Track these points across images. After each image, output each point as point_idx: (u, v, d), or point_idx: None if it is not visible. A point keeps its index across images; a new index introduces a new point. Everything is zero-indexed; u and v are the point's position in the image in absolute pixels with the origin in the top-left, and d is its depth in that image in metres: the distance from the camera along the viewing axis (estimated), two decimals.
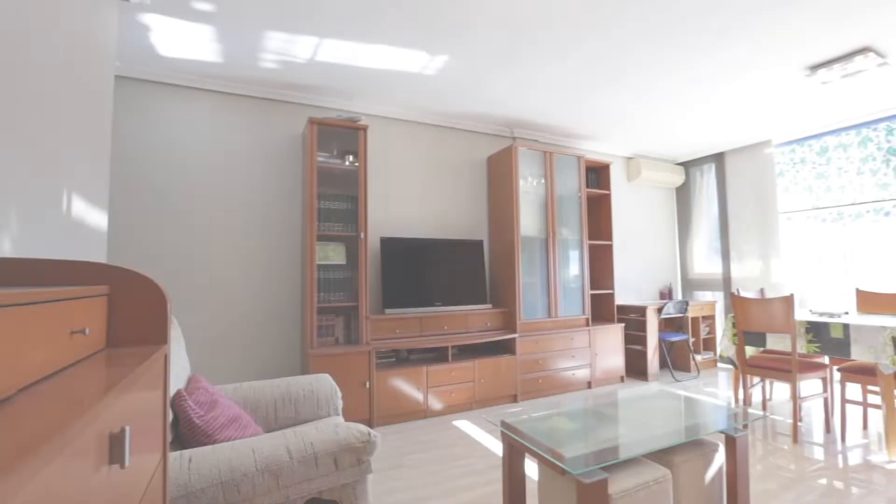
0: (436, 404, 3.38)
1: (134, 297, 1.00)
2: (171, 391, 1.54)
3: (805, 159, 4.54)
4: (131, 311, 1.00)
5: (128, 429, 0.67)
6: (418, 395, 3.31)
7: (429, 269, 3.70)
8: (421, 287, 3.63)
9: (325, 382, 2.18)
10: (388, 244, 3.56)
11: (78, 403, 0.57)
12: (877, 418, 3.21)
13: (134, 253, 2.95)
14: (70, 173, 1.55)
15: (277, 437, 1.45)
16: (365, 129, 3.26)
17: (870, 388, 3.17)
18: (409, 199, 3.92)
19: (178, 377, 1.69)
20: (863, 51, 2.93)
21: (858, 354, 2.66)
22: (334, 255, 3.29)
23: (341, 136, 3.40)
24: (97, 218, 1.82)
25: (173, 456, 1.27)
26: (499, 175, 4.12)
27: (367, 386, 3.11)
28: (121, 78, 2.96)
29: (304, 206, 3.27)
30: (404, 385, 3.26)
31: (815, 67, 3.16)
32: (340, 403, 2.19)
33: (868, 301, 3.46)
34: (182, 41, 2.67)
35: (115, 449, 0.65)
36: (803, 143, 4.54)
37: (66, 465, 0.49)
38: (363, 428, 1.51)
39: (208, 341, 3.11)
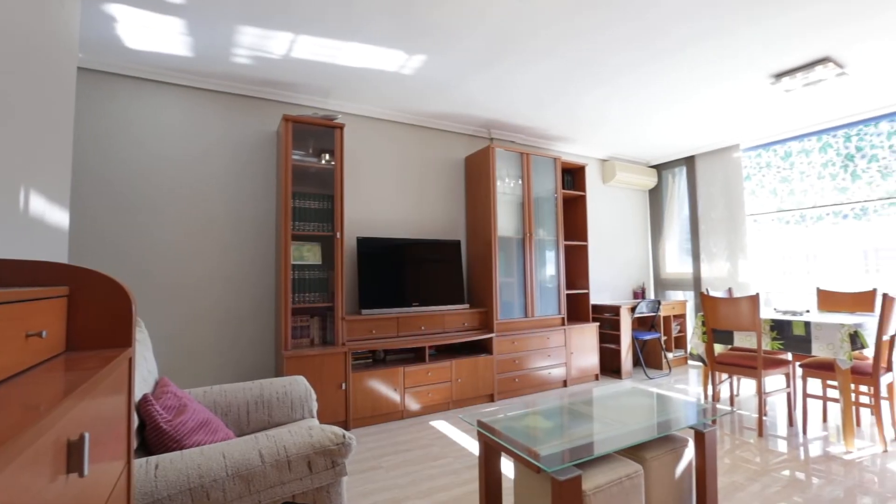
0: (413, 405, 3.37)
1: (96, 298, 0.96)
2: (137, 395, 1.49)
3: (770, 163, 4.71)
4: (93, 312, 0.96)
5: (87, 436, 0.64)
6: (395, 396, 3.29)
7: (406, 270, 3.68)
8: (398, 287, 3.62)
9: (299, 384, 2.15)
10: (365, 244, 3.53)
11: (33, 409, 0.54)
12: (835, 411, 3.36)
13: (99, 253, 2.84)
14: (27, 168, 1.48)
15: (249, 441, 1.41)
16: (341, 127, 3.22)
17: (829, 382, 3.31)
18: (387, 199, 3.90)
19: (145, 381, 1.64)
20: (823, 61, 3.06)
21: (819, 351, 2.78)
22: (309, 255, 3.24)
23: (317, 134, 3.35)
24: (58, 216, 1.74)
25: (138, 463, 1.23)
26: (476, 175, 4.13)
27: (344, 387, 3.08)
28: (85, 70, 2.84)
29: (278, 205, 3.21)
30: (381, 386, 3.24)
31: (779, 76, 3.28)
32: (315, 406, 2.15)
33: (828, 300, 3.62)
34: (150, 33, 2.59)
35: (73, 457, 0.62)
36: (768, 148, 4.72)
37: (17, 475, 0.46)
38: (338, 430, 1.49)
39: (178, 344, 3.02)
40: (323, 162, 3.33)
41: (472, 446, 2.81)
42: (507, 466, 2.45)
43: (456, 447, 2.80)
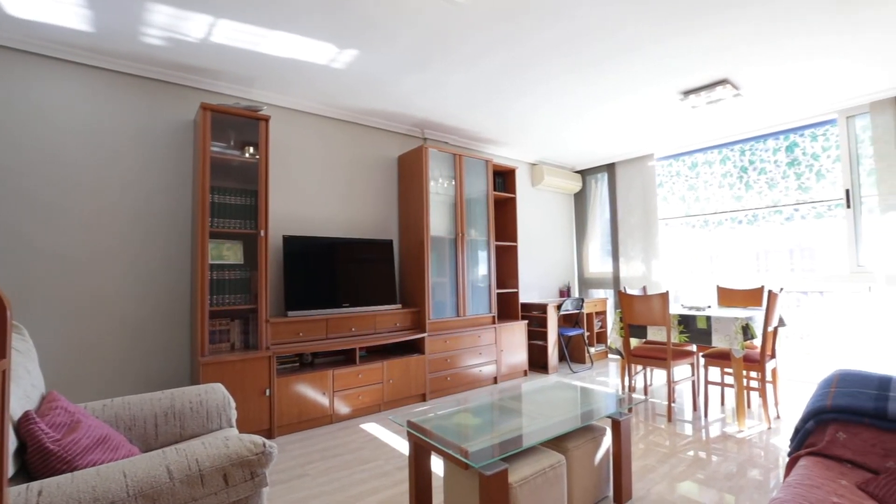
0: (343, 408, 3.27)
1: None
2: (16, 413, 1.31)
3: (679, 172, 5.16)
4: None
5: None
6: (324, 400, 3.18)
7: (336, 269, 3.58)
8: (327, 288, 3.50)
9: (216, 392, 2.00)
10: (292, 243, 3.38)
11: None
12: (731, 396, 3.75)
13: None
14: None
15: (155, 457, 1.29)
16: (267, 119, 3.05)
17: (726, 370, 3.68)
18: (316, 197, 3.76)
19: (28, 397, 1.44)
20: (722, 82, 3.40)
21: (718, 342, 3.08)
22: (230, 253, 3.04)
23: (240, 125, 3.15)
24: None
25: (16, 491, 1.07)
26: (409, 175, 4.12)
27: (268, 393, 2.92)
28: None
29: (194, 200, 2.97)
30: (309, 390, 3.11)
31: (686, 93, 3.60)
32: (234, 414, 2.02)
33: (726, 296, 4.03)
34: (37, 1, 2.28)
35: None
36: (678, 158, 5.17)
37: None
38: (257, 439, 1.41)
39: (72, 353, 2.70)
40: (246, 155, 3.14)
41: (404, 447, 2.79)
42: (438, 465, 2.45)
43: (387, 449, 2.76)
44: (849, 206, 3.89)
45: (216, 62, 2.95)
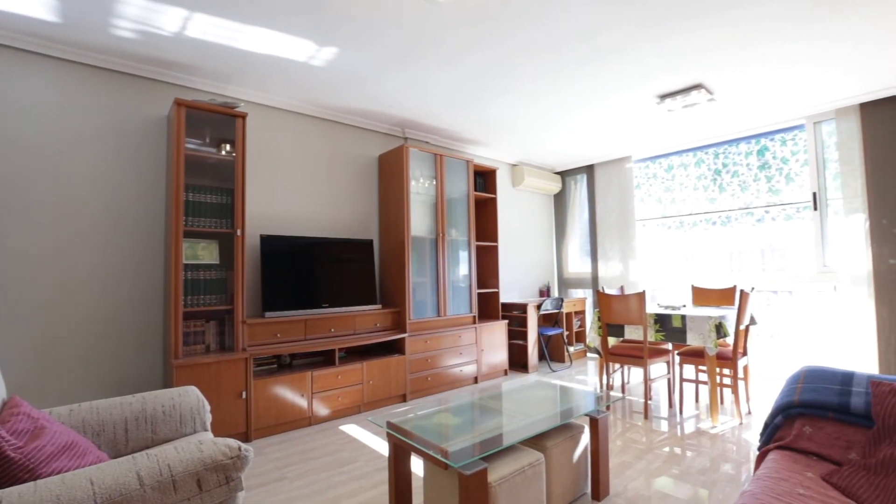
0: (322, 410, 3.24)
1: None
2: None
3: (656, 175, 5.27)
4: None
5: None
6: (302, 402, 3.14)
7: (315, 270, 3.53)
8: (306, 288, 3.45)
9: (190, 396, 1.95)
10: (270, 242, 3.32)
11: None
12: (705, 392, 3.85)
13: None
14: None
15: (125, 463, 1.25)
16: (244, 116, 2.99)
17: (700, 368, 3.77)
18: (295, 196, 3.71)
19: None
20: (697, 87, 3.49)
21: (692, 340, 3.16)
22: (205, 253, 2.97)
23: (216, 122, 3.08)
24: None
25: None
26: (390, 174, 4.10)
27: (244, 396, 2.86)
28: None
29: (168, 197, 2.90)
30: (287, 392, 3.07)
31: (663, 97, 3.68)
32: (209, 418, 1.97)
33: (701, 295, 4.13)
34: None
35: None
36: (655, 161, 5.27)
37: None
38: (232, 442, 1.38)
39: (36, 356, 2.59)
40: (223, 153, 3.08)
41: (383, 448, 2.77)
42: (418, 465, 2.45)
43: (366, 450, 2.74)
44: (816, 209, 4.03)
45: (191, 57, 2.88)
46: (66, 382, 2.67)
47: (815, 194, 4.04)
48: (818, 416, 1.60)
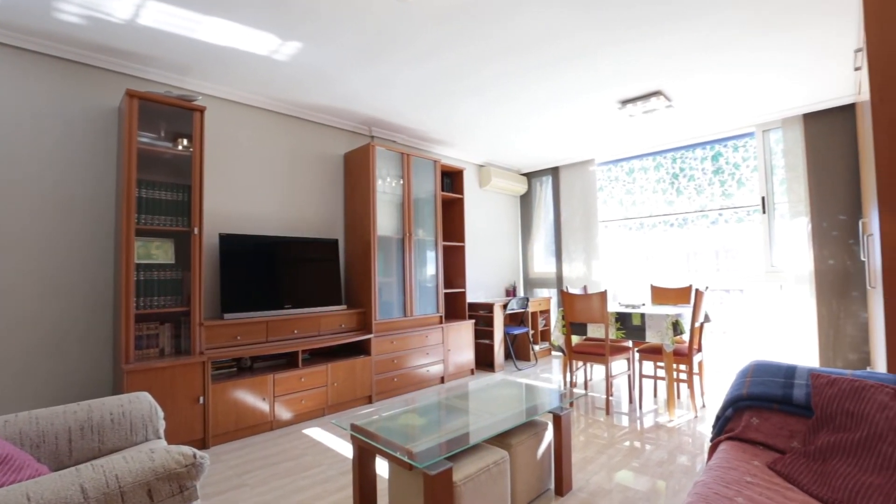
0: (284, 414, 3.15)
1: None
2: None
3: (618, 177, 5.43)
4: None
5: None
6: (264, 406, 3.05)
7: (277, 270, 3.44)
8: (268, 289, 3.36)
9: (142, 402, 1.86)
10: (229, 241, 3.21)
11: None
12: (663, 388, 3.99)
13: None
14: None
15: (67, 476, 1.17)
16: (202, 110, 2.88)
17: (658, 364, 3.91)
18: (257, 194, 3.60)
19: None
20: (656, 93, 3.62)
21: (651, 338, 3.27)
22: (159, 252, 2.84)
23: (172, 115, 2.95)
24: None
25: None
26: (356, 173, 4.04)
27: (202, 401, 2.75)
28: None
29: (118, 193, 2.75)
30: (248, 396, 2.97)
31: (624, 102, 3.79)
32: (163, 425, 1.88)
33: (659, 294, 4.28)
34: None
35: None
36: (617, 164, 5.44)
37: None
38: (186, 450, 1.32)
39: None
40: (179, 148, 2.95)
41: (348, 451, 2.73)
42: (383, 467, 2.42)
43: (331, 454, 2.69)
44: (764, 212, 4.26)
45: (145, 46, 2.74)
46: (1, 391, 2.48)
47: (763, 198, 4.27)
48: (764, 407, 1.69)
